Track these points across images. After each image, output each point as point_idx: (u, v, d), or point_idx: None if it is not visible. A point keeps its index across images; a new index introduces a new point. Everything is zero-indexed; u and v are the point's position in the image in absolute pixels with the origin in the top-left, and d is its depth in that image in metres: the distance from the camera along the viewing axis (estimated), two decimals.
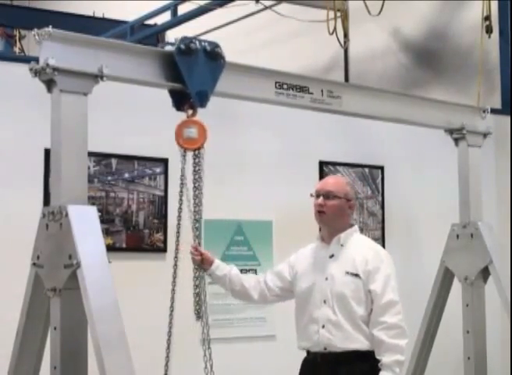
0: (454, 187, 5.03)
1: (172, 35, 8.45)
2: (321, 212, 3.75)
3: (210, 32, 8.80)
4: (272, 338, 5.10)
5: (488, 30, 6.46)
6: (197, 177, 3.62)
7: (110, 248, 3.76)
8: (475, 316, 4.84)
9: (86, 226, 3.13)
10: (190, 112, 3.58)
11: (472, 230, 4.86)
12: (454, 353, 5.18)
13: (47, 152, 4.04)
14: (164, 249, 4.72)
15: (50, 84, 3.20)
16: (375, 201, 5.69)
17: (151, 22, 9.23)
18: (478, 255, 4.81)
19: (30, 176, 4.36)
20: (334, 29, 7.13)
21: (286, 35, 8.72)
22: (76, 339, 3.14)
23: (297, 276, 3.84)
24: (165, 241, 4.74)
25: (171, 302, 3.52)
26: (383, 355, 3.54)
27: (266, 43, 8.96)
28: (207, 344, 3.59)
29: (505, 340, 5.30)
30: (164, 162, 4.76)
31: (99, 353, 2.94)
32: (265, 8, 8.14)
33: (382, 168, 5.75)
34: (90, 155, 3.69)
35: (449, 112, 4.90)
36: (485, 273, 4.83)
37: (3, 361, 3.43)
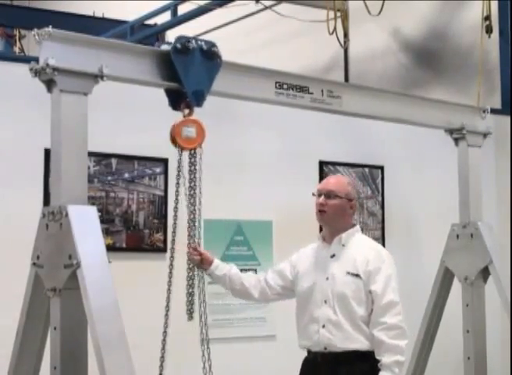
0: (454, 187, 5.02)
1: (172, 35, 8.44)
2: (322, 211, 3.75)
3: (210, 32, 8.80)
4: (272, 338, 5.09)
5: (488, 30, 6.46)
6: (192, 177, 3.61)
7: (110, 248, 3.76)
8: (475, 315, 4.83)
9: (86, 226, 3.13)
10: (187, 111, 3.57)
11: (472, 230, 4.86)
12: (454, 353, 5.18)
13: (47, 152, 4.04)
14: (164, 249, 4.71)
15: (50, 84, 3.20)
16: (375, 201, 5.69)
17: (151, 22, 9.23)
18: (478, 255, 4.81)
19: (30, 176, 4.36)
20: (334, 29, 7.14)
21: (286, 35, 8.71)
22: (76, 339, 3.14)
23: (299, 276, 3.84)
24: (165, 241, 4.74)
25: (166, 302, 3.51)
26: (383, 355, 3.54)
27: (266, 43, 8.95)
28: (205, 344, 3.59)
29: (505, 340, 5.30)
30: (164, 162, 4.76)
31: (99, 353, 2.94)
32: (265, 8, 8.14)
33: (382, 168, 5.75)
34: (90, 155, 3.69)
35: (449, 112, 4.90)
36: (485, 273, 4.83)
37: (3, 361, 3.43)
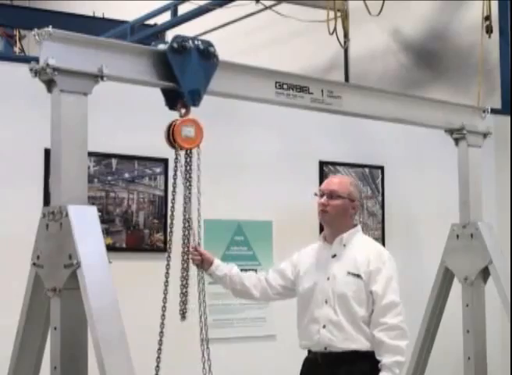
0: (454, 187, 5.02)
1: (172, 35, 8.44)
2: (324, 211, 3.76)
3: (210, 32, 8.79)
4: (272, 338, 5.09)
5: (489, 30, 6.46)
6: (188, 177, 3.61)
7: (110, 248, 3.75)
8: (475, 316, 4.83)
9: (86, 226, 3.12)
10: (183, 111, 3.55)
11: (472, 230, 4.85)
12: (454, 353, 5.17)
13: (47, 152, 4.03)
14: (164, 249, 4.70)
15: (50, 84, 3.19)
16: (375, 201, 5.69)
17: (151, 22, 9.24)
18: (478, 255, 4.81)
19: (30, 176, 4.36)
20: (334, 29, 7.14)
21: (286, 35, 8.71)
22: (76, 339, 3.14)
23: (300, 276, 3.84)
24: (165, 241, 4.74)
25: (163, 302, 3.50)
26: (383, 355, 3.54)
27: (266, 43, 8.95)
28: (205, 344, 3.59)
29: (505, 340, 5.31)
30: (164, 162, 4.75)
31: (99, 353, 2.94)
32: (265, 8, 8.15)
33: (382, 168, 5.75)
34: (90, 155, 3.69)
35: (449, 112, 4.89)
36: (485, 273, 4.82)
37: (3, 361, 3.42)
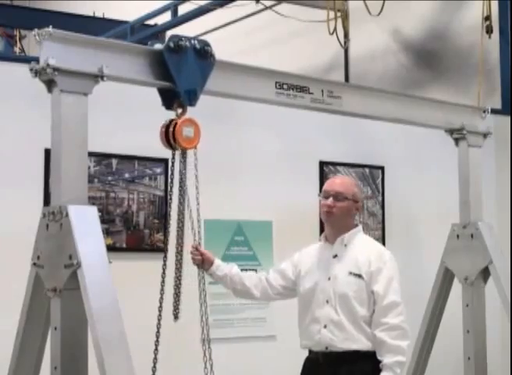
0: (454, 187, 5.02)
1: None
2: (330, 212, 3.75)
3: (210, 32, 8.80)
4: (272, 338, 5.09)
5: (489, 30, 6.46)
6: (183, 177, 3.59)
7: (110, 248, 3.75)
8: (475, 316, 4.83)
9: (86, 226, 3.12)
10: (180, 110, 3.54)
11: (472, 230, 4.85)
12: (454, 353, 5.17)
13: (47, 152, 4.03)
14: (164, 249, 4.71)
15: (50, 84, 3.19)
16: (375, 202, 5.69)
17: (151, 22, 9.24)
18: (478, 255, 4.81)
19: (30, 176, 4.36)
20: (334, 29, 7.14)
21: (286, 35, 8.71)
22: (76, 339, 3.14)
23: (301, 276, 3.84)
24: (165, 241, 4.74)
25: (159, 302, 3.49)
26: (385, 355, 3.54)
27: (266, 43, 8.95)
28: (207, 344, 3.59)
29: (505, 340, 5.31)
30: (164, 162, 4.75)
31: (99, 353, 2.94)
32: (265, 8, 8.15)
33: (382, 168, 5.74)
34: (91, 155, 3.69)
35: (449, 112, 4.90)
36: (486, 273, 4.82)
37: (3, 361, 3.42)
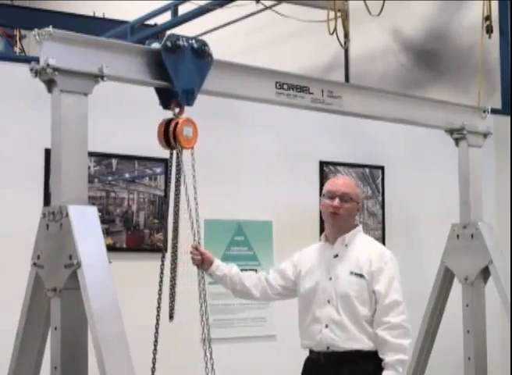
0: (454, 187, 5.02)
1: None
2: (336, 213, 3.73)
3: (210, 32, 8.79)
4: (272, 338, 5.09)
5: (489, 30, 6.46)
6: (178, 177, 3.59)
7: (110, 248, 3.75)
8: (475, 316, 4.83)
9: (86, 226, 3.12)
10: (177, 110, 3.54)
11: (472, 230, 4.85)
12: (454, 353, 5.17)
13: (47, 152, 4.03)
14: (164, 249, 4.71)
15: (50, 84, 3.20)
16: (375, 201, 5.69)
17: (151, 22, 9.24)
18: (478, 255, 4.81)
19: (30, 176, 4.36)
20: (334, 29, 7.13)
21: (286, 35, 8.71)
22: (76, 339, 3.14)
23: (301, 276, 3.83)
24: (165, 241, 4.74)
25: (158, 302, 3.49)
26: (386, 354, 3.55)
27: (266, 43, 8.95)
28: (207, 343, 3.59)
29: (505, 340, 5.31)
30: (164, 162, 4.73)
31: (99, 353, 2.94)
32: (266, 8, 8.15)
33: (382, 168, 5.74)
34: (91, 155, 3.69)
35: (449, 112, 4.90)
36: (486, 273, 4.82)
37: (3, 361, 3.42)
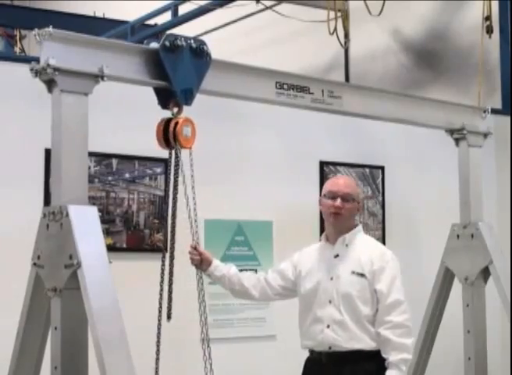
0: (455, 187, 5.02)
1: None
2: (338, 214, 3.73)
3: (210, 32, 8.79)
4: (272, 338, 5.09)
5: (489, 30, 6.46)
6: (176, 177, 3.58)
7: (110, 248, 3.74)
8: (476, 316, 4.83)
9: (86, 226, 3.12)
10: (176, 110, 3.54)
11: (473, 230, 4.85)
12: (455, 353, 5.17)
13: (47, 152, 4.03)
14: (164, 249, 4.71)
15: (50, 84, 3.19)
16: (375, 201, 5.69)
17: (151, 22, 9.24)
18: (478, 255, 4.80)
19: (30, 176, 4.36)
20: (334, 29, 7.14)
21: (286, 35, 8.71)
22: (76, 339, 3.14)
23: (301, 276, 3.83)
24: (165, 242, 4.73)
25: (159, 302, 3.49)
26: (390, 353, 3.55)
27: (266, 43, 8.95)
28: (206, 343, 3.59)
29: (505, 340, 5.30)
30: (164, 162, 4.71)
31: (100, 353, 2.94)
32: (266, 8, 8.15)
33: (382, 168, 5.74)
34: (91, 155, 3.69)
35: (449, 112, 4.90)
36: (486, 273, 4.82)
37: (3, 361, 3.42)
